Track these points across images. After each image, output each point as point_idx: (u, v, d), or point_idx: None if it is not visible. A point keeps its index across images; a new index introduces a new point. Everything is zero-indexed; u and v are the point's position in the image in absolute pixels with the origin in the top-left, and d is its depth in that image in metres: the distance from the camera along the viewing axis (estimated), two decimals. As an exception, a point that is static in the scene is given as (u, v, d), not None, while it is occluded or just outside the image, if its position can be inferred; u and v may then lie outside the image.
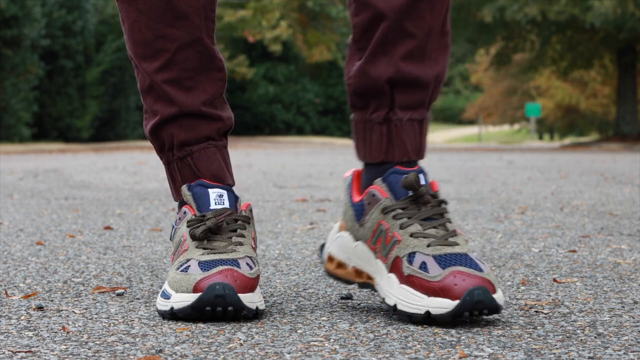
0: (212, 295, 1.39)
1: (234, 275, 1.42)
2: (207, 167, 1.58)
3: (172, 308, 1.42)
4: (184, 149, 1.58)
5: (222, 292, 1.38)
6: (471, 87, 64.41)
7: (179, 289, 1.43)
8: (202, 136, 1.58)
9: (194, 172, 1.58)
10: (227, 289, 1.39)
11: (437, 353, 1.21)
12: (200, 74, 1.57)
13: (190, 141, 1.58)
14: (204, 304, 1.39)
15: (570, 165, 9.01)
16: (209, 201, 1.54)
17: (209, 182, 1.56)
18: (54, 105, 21.37)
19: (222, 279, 1.41)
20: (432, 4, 1.47)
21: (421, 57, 1.48)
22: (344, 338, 1.31)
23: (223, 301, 1.39)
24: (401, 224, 1.45)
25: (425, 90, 1.50)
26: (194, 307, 1.40)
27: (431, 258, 1.41)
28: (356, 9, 1.50)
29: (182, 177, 1.59)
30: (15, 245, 2.39)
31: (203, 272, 1.43)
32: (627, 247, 2.34)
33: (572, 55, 24.86)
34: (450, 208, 3.66)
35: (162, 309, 1.45)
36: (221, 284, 1.39)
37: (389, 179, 1.47)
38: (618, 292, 1.67)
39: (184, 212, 1.56)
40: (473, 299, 1.35)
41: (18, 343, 1.28)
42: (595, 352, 1.21)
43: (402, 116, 1.50)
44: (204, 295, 1.39)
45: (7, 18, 18.81)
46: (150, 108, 1.60)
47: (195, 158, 1.58)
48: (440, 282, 1.37)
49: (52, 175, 6.69)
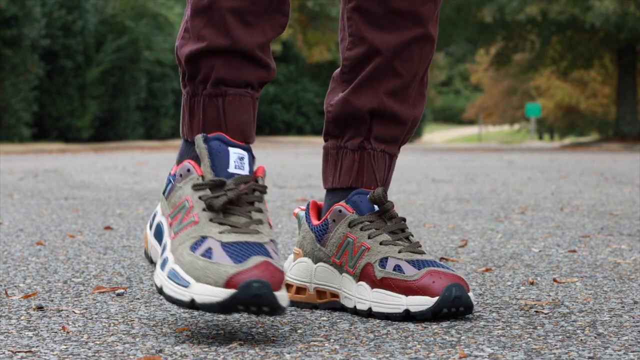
0: (249, 295, 1.22)
1: (270, 270, 1.25)
2: (236, 117, 1.41)
3: (193, 300, 1.25)
4: (219, 87, 1.41)
5: (260, 292, 1.22)
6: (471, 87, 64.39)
7: (202, 278, 1.25)
8: (243, 81, 1.42)
9: (219, 117, 1.40)
10: (265, 287, 1.23)
11: (437, 353, 1.21)
12: (267, 13, 1.42)
13: (230, 81, 1.41)
14: (238, 303, 1.23)
15: (570, 165, 9.01)
16: (227, 162, 1.36)
17: (229, 139, 1.37)
18: (54, 105, 21.35)
19: (260, 275, 1.23)
20: (421, 50, 1.55)
21: (403, 97, 1.56)
22: (344, 338, 1.31)
23: (259, 301, 1.23)
24: (369, 234, 1.50)
25: (402, 127, 1.57)
26: (224, 305, 1.23)
27: (404, 261, 1.46)
28: (350, 43, 1.55)
29: (204, 116, 1.41)
30: (15, 245, 2.39)
31: (236, 264, 1.25)
32: (627, 247, 2.34)
33: (572, 55, 24.85)
34: (450, 208, 3.66)
35: (177, 297, 1.27)
36: (259, 282, 1.23)
37: (352, 199, 1.53)
38: (618, 292, 1.67)
39: (187, 170, 1.37)
40: (451, 295, 1.40)
41: (18, 343, 1.28)
42: (595, 352, 1.21)
43: (376, 146, 1.56)
44: (239, 294, 1.22)
45: (7, 18, 18.80)
46: (196, 30, 1.41)
47: (227, 102, 1.41)
48: (418, 281, 1.42)
49: (52, 175, 6.68)
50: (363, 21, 1.53)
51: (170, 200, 1.39)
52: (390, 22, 1.53)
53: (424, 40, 1.54)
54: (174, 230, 1.34)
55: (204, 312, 1.50)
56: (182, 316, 1.47)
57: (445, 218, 3.22)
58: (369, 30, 1.53)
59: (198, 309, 1.25)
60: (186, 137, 1.43)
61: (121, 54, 22.95)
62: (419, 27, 1.53)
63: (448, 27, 22.10)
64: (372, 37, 1.53)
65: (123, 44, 22.99)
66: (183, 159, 1.41)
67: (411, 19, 1.53)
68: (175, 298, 1.27)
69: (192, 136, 1.41)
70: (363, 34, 1.54)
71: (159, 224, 1.41)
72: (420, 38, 1.54)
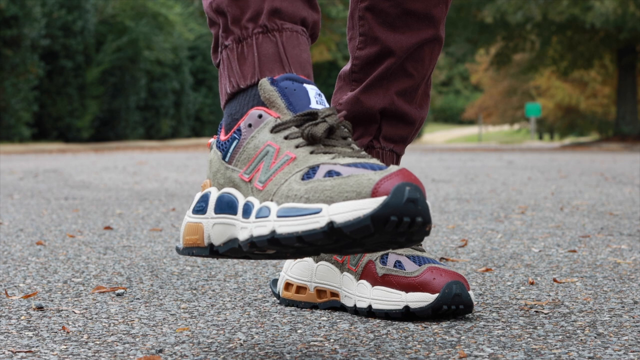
0: (402, 201, 1.03)
1: (413, 176, 1.07)
2: (297, 55, 1.24)
3: (331, 223, 1.04)
4: (274, 21, 1.23)
5: (415, 196, 1.04)
6: (471, 87, 64.40)
7: (337, 197, 1.05)
8: (299, 16, 1.25)
9: (278, 53, 1.22)
10: (417, 191, 1.05)
11: (437, 353, 1.21)
12: None
13: (286, 14, 1.24)
14: (391, 212, 1.03)
15: (570, 165, 9.00)
16: (308, 99, 1.19)
17: (300, 76, 1.21)
18: (54, 105, 21.36)
19: (409, 179, 1.05)
20: (431, 52, 1.56)
21: (412, 97, 1.57)
22: (344, 338, 1.31)
23: (414, 208, 1.04)
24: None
25: (411, 128, 1.58)
26: (376, 217, 1.03)
27: (405, 257, 1.46)
28: (362, 43, 1.55)
29: (259, 54, 1.22)
30: (15, 245, 2.39)
31: (376, 171, 1.06)
32: (627, 247, 2.34)
33: (572, 55, 24.84)
34: (450, 208, 3.66)
35: (304, 228, 1.05)
36: (411, 185, 1.04)
37: None
38: (618, 292, 1.67)
39: (259, 116, 1.19)
40: (452, 292, 1.40)
41: (18, 343, 1.28)
42: (595, 352, 1.21)
43: (385, 145, 1.57)
44: (392, 199, 1.03)
45: (7, 18, 18.80)
46: None
47: (286, 37, 1.23)
48: (419, 277, 1.42)
49: (52, 175, 6.68)
50: (376, 21, 1.53)
51: (239, 158, 1.19)
52: (403, 23, 1.53)
53: (435, 42, 1.55)
54: (261, 181, 1.14)
55: (203, 313, 1.50)
56: (182, 316, 1.47)
57: (445, 218, 3.22)
58: (382, 30, 1.53)
59: (339, 235, 1.04)
60: (235, 89, 1.23)
61: (121, 54, 22.96)
62: (432, 29, 1.54)
63: (448, 27, 22.10)
64: (385, 38, 1.53)
65: (123, 44, 23.00)
66: (242, 112, 1.21)
67: (424, 20, 1.53)
68: (302, 231, 1.05)
69: (246, 82, 1.22)
70: (376, 34, 1.53)
71: (222, 196, 1.19)
72: (432, 40, 1.55)
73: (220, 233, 1.17)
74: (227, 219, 1.17)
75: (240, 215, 1.14)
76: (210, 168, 1.23)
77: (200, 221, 1.20)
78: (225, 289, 1.73)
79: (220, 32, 1.26)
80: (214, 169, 1.22)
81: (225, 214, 1.17)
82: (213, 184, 1.22)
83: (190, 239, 1.22)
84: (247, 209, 1.13)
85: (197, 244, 1.21)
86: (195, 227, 1.21)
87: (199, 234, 1.20)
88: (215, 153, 1.22)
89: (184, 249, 1.23)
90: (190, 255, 1.23)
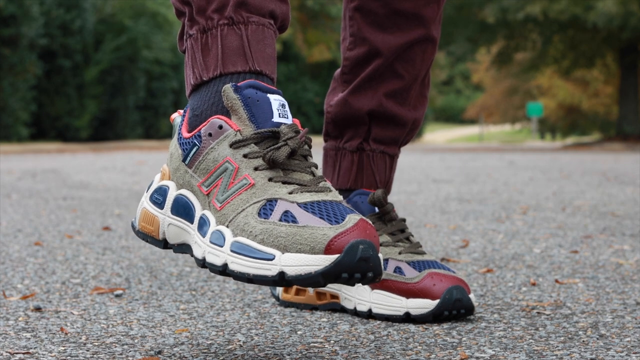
0: (354, 259, 1.04)
1: (369, 229, 1.07)
2: (261, 49, 1.21)
3: (282, 273, 1.05)
4: (241, 13, 1.20)
5: (367, 255, 1.05)
6: (472, 87, 64.43)
7: (292, 247, 1.06)
8: (267, 9, 1.23)
9: (242, 47, 1.20)
10: (371, 249, 1.05)
11: (438, 355, 1.20)
12: None
13: (253, 6, 1.21)
14: (343, 270, 1.04)
15: (572, 165, 9.00)
16: (271, 111, 1.16)
17: (264, 85, 1.18)
18: (52, 104, 21.36)
19: (364, 235, 1.06)
20: (423, 52, 1.55)
21: (403, 99, 1.55)
22: (344, 339, 1.30)
23: (366, 266, 1.05)
24: None
25: (402, 129, 1.57)
26: (326, 274, 1.04)
27: (404, 263, 1.46)
28: (351, 43, 1.55)
29: (223, 47, 1.20)
30: (13, 246, 2.38)
31: (332, 224, 1.06)
32: (629, 248, 2.33)
33: (574, 54, 24.84)
34: (451, 208, 3.65)
35: (257, 272, 1.07)
36: (365, 243, 1.05)
37: (353, 200, 1.52)
38: (620, 293, 1.66)
39: (219, 127, 1.16)
40: (452, 297, 1.40)
41: (16, 344, 1.27)
42: (598, 354, 1.20)
43: (375, 147, 1.56)
44: (344, 258, 1.04)
45: (5, 17, 18.80)
46: None
47: (251, 31, 1.21)
48: (419, 284, 1.42)
49: (50, 175, 6.68)
50: (365, 21, 1.53)
51: (199, 166, 1.17)
52: (392, 23, 1.52)
53: (426, 42, 1.54)
54: (219, 200, 1.14)
55: (202, 314, 1.49)
56: (181, 317, 1.46)
57: (446, 218, 3.22)
58: (371, 30, 1.53)
59: (289, 283, 1.06)
60: (198, 80, 1.21)
61: (120, 53, 22.95)
62: (421, 29, 1.53)
63: (449, 26, 22.10)
64: (373, 38, 1.52)
65: (122, 43, 22.99)
66: (205, 116, 1.19)
67: (414, 20, 1.52)
68: (253, 274, 1.07)
69: (209, 74, 1.20)
70: (364, 34, 1.53)
71: (179, 197, 1.19)
72: (423, 40, 1.53)
73: (175, 234, 1.20)
74: (182, 223, 1.19)
75: (196, 227, 1.16)
76: (171, 162, 1.22)
77: (157, 215, 1.22)
78: (224, 290, 1.72)
79: (186, 20, 1.24)
80: (174, 165, 1.21)
81: (182, 218, 1.19)
82: (172, 178, 1.22)
83: (146, 226, 1.24)
84: (202, 224, 1.15)
85: (152, 234, 1.23)
86: (152, 218, 1.22)
87: (155, 226, 1.22)
88: (176, 149, 1.21)
89: (139, 231, 1.25)
90: (145, 241, 1.25)
